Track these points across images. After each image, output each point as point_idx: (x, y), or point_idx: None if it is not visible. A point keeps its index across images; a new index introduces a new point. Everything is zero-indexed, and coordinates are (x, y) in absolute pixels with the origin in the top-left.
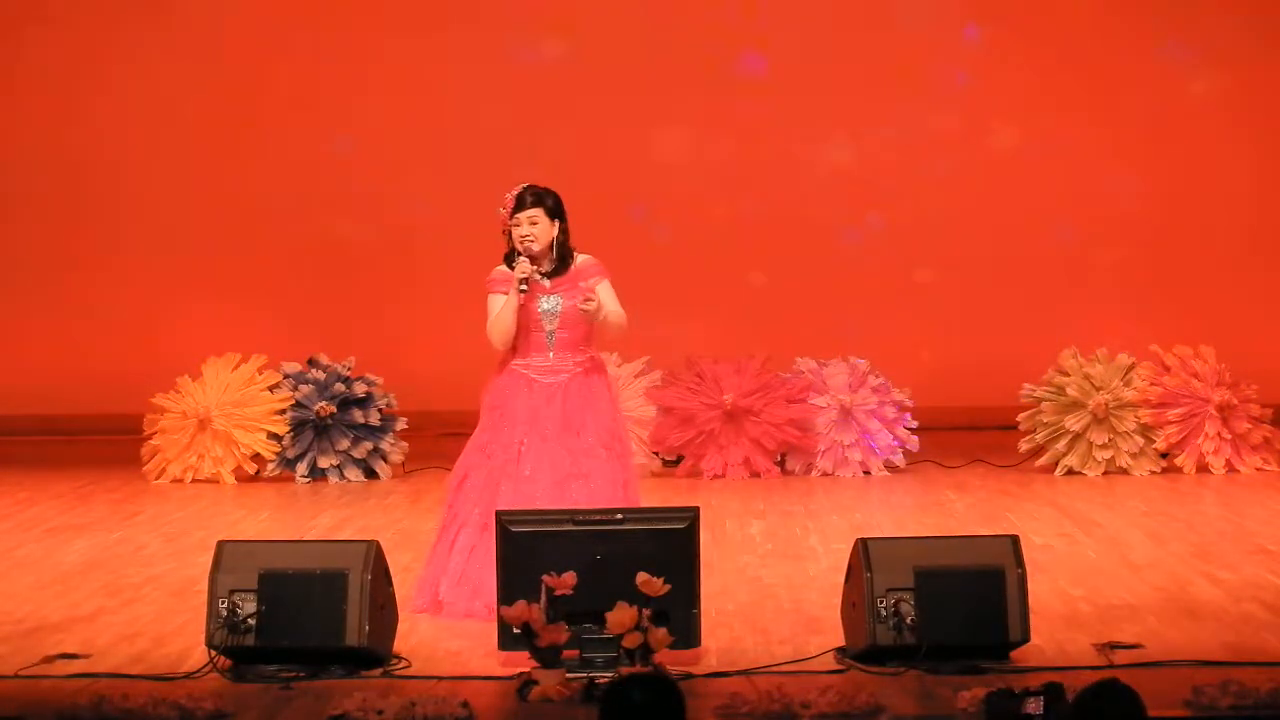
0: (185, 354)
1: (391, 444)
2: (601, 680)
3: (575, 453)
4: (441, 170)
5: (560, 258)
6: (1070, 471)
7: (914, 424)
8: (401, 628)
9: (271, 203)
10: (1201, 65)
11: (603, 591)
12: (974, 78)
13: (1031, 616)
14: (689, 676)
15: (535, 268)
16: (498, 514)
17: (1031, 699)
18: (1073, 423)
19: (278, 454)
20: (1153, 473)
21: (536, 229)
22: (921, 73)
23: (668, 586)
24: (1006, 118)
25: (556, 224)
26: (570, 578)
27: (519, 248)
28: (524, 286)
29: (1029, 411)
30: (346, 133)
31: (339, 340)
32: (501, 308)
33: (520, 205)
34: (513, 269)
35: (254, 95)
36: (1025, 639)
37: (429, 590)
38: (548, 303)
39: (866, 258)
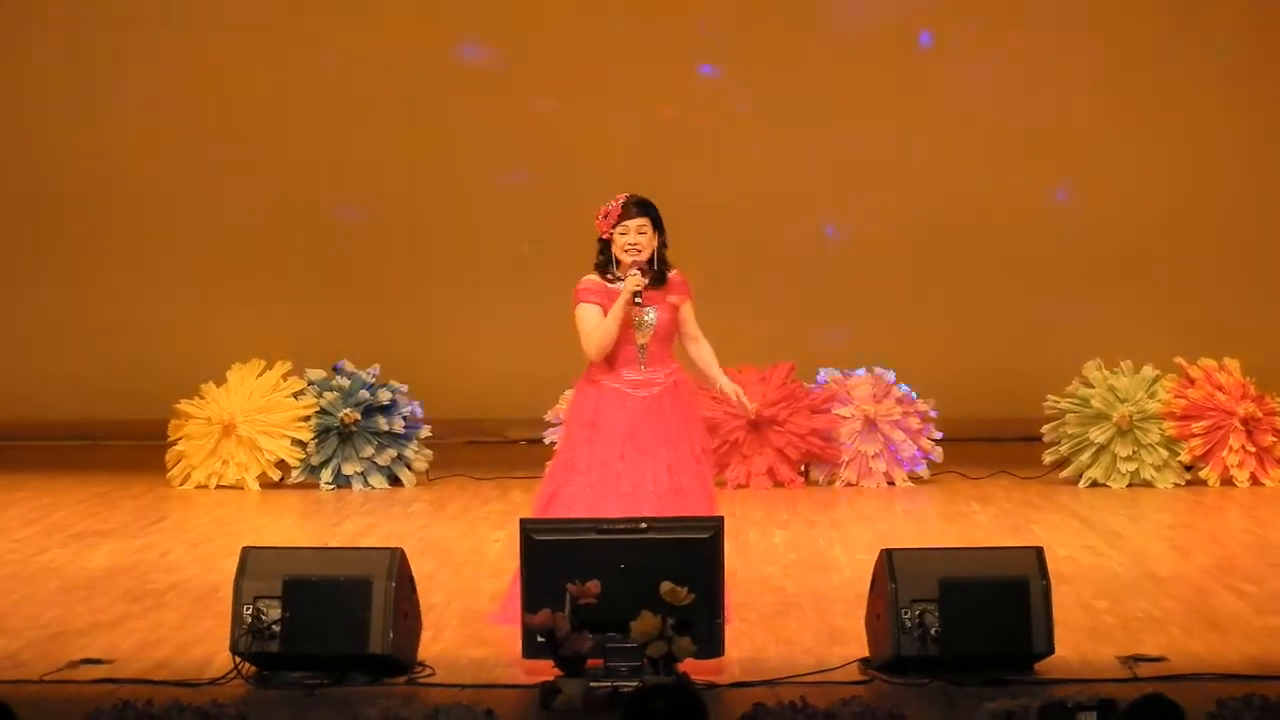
0: (210, 360)
1: (415, 451)
2: (625, 689)
3: (674, 467)
4: (470, 178)
5: (659, 271)
6: (1094, 483)
7: (938, 435)
8: (425, 635)
9: (297, 209)
10: (1223, 70)
11: (627, 600)
12: (991, 85)
13: (1055, 628)
14: (712, 686)
15: (645, 279)
16: (521, 522)
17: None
18: (1097, 435)
19: (302, 460)
20: (1177, 485)
21: (644, 239)
22: (941, 79)
23: (692, 596)
24: (1027, 127)
25: (657, 236)
26: (594, 586)
27: (621, 256)
28: (639, 299)
29: (1053, 423)
30: (373, 139)
31: (364, 347)
32: (608, 318)
33: (628, 214)
34: (605, 278)
35: (282, 102)
36: (1049, 651)
37: (514, 604)
38: (646, 315)
39: (891, 268)
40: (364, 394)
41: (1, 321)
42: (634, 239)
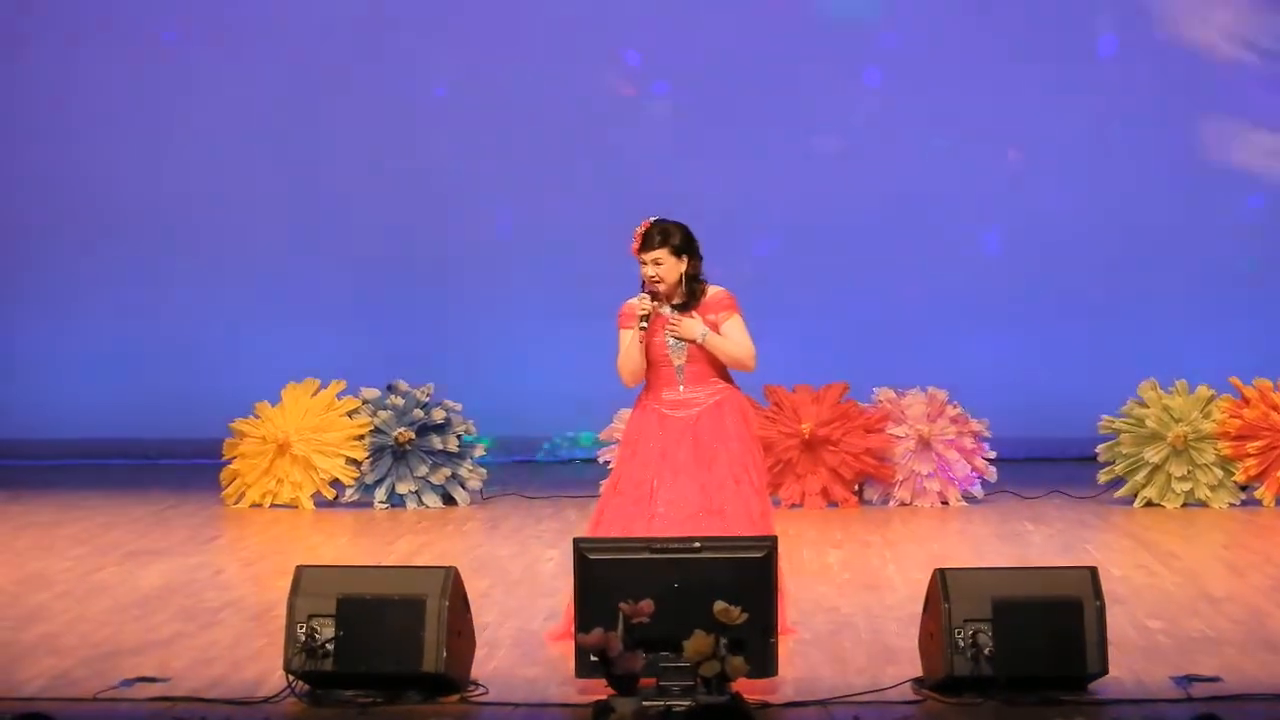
0: (265, 379)
1: (469, 470)
2: (678, 709)
3: (708, 488)
4: (524, 192)
5: (689, 293)
6: (1149, 503)
7: (992, 454)
8: (479, 654)
9: (351, 228)
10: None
11: (680, 620)
12: (1056, 114)
13: (1109, 648)
14: (766, 706)
15: (657, 303)
16: (575, 541)
17: None
18: (1151, 454)
19: (356, 479)
20: (1231, 505)
21: (661, 269)
22: (1003, 105)
23: (745, 615)
24: (1081, 147)
25: (684, 260)
26: (647, 605)
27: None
28: (644, 324)
29: (1108, 443)
30: (426, 156)
31: (418, 366)
32: (627, 345)
33: (646, 245)
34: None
35: (337, 122)
36: (1103, 671)
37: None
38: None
39: (946, 287)
40: (418, 413)
41: (57, 341)
42: (651, 271)
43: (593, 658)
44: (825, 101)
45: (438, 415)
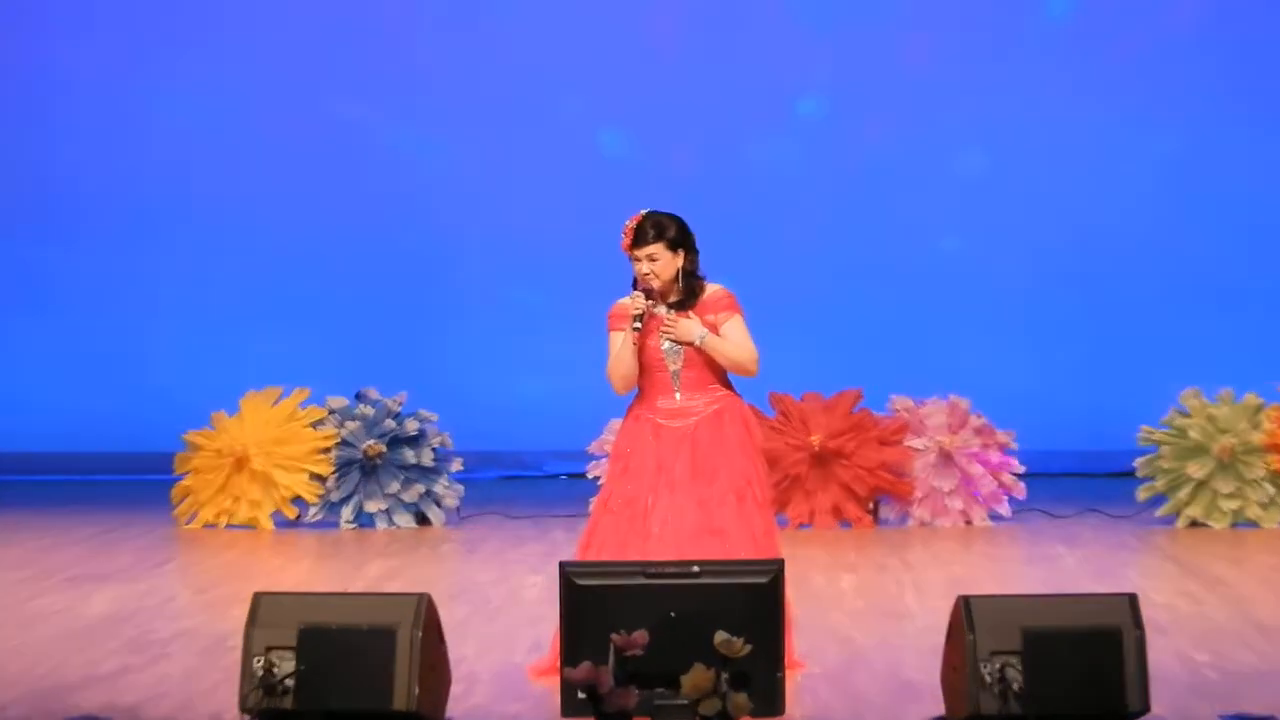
0: (221, 386)
1: (445, 487)
2: None
3: (707, 504)
4: (504, 194)
5: (687, 290)
6: (1193, 523)
7: (1020, 469)
8: (455, 690)
9: (314, 225)
10: None
11: (677, 652)
12: (1088, 116)
13: (1151, 683)
14: None
15: (652, 303)
16: (561, 565)
17: None
18: (1195, 469)
19: (321, 497)
20: None
21: (657, 265)
22: (1027, 111)
23: (749, 647)
24: (1108, 151)
25: (680, 254)
26: (641, 637)
27: (640, 280)
28: (638, 324)
29: (1147, 456)
30: (404, 160)
31: (390, 373)
32: (619, 348)
33: (639, 240)
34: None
35: (304, 126)
36: (1144, 709)
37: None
38: (668, 341)
39: (971, 291)
40: (389, 424)
41: None
42: (645, 268)
43: (581, 694)
44: (838, 101)
45: (411, 426)
